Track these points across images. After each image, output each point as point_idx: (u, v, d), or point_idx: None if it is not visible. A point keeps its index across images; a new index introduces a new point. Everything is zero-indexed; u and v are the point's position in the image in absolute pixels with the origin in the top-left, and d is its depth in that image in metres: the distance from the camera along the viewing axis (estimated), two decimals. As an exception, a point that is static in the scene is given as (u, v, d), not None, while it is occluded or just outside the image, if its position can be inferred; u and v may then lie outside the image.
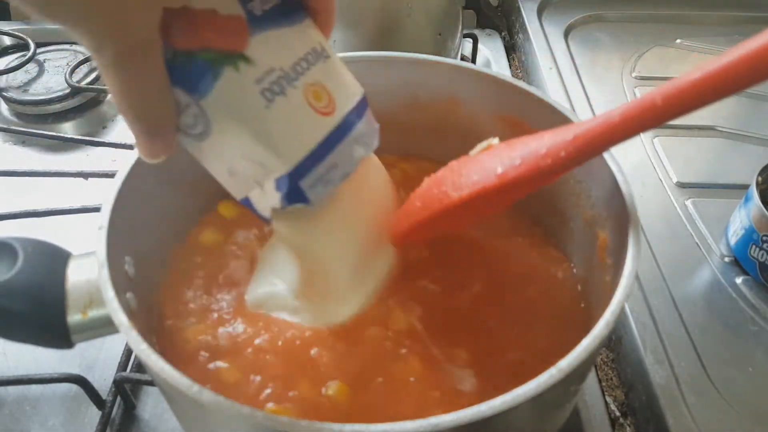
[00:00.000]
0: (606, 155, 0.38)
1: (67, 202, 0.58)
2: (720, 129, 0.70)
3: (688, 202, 0.61)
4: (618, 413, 0.49)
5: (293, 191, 0.32)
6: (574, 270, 0.43)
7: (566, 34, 0.84)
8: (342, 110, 0.33)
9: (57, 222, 0.57)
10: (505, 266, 0.43)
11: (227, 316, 0.40)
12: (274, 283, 0.40)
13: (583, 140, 0.31)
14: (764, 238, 0.52)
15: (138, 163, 0.38)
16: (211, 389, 0.28)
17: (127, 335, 0.30)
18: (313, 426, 0.26)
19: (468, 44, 0.81)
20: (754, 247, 0.53)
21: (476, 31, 0.85)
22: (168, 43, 0.28)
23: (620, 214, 0.36)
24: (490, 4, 0.91)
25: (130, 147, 0.64)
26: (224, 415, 0.27)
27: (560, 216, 0.45)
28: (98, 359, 0.50)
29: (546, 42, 0.82)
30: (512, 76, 0.78)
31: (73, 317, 0.34)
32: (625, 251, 0.34)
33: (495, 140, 0.37)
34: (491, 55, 0.84)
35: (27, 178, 0.63)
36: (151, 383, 0.47)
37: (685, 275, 0.55)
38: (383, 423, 0.27)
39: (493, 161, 0.35)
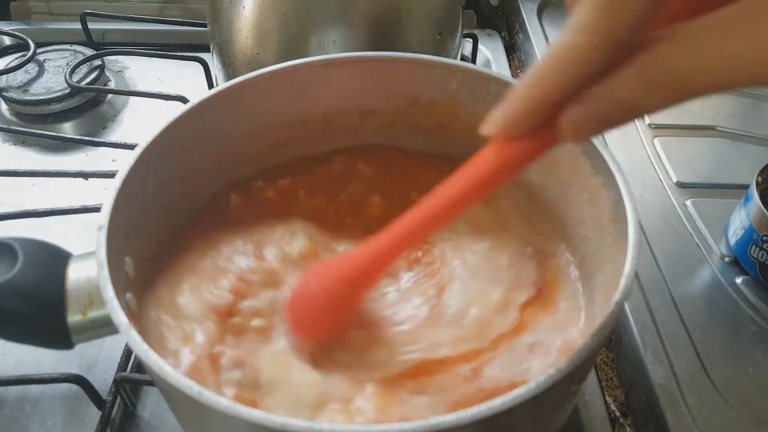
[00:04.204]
0: (606, 155, 0.38)
1: (67, 202, 0.58)
2: (720, 129, 0.70)
3: (688, 202, 0.61)
4: (618, 413, 0.49)
5: None
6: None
7: (566, 34, 0.84)
8: None
9: (57, 222, 0.57)
10: None
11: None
12: None
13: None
14: (764, 238, 0.52)
15: (138, 163, 0.38)
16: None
17: (127, 335, 0.30)
18: (313, 426, 0.26)
19: (468, 44, 0.81)
20: (754, 247, 0.53)
21: (476, 31, 0.85)
22: None
23: (620, 214, 0.36)
24: (490, 4, 0.91)
25: (130, 147, 0.64)
26: (224, 416, 0.27)
27: (560, 215, 0.45)
28: (98, 359, 0.50)
29: (546, 42, 0.82)
30: (512, 76, 0.78)
31: (73, 317, 0.34)
32: (625, 251, 0.34)
33: None
34: (491, 55, 0.84)
35: (27, 178, 0.63)
36: (151, 383, 0.47)
37: (685, 275, 0.55)
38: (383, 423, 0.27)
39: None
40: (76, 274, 0.34)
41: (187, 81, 0.78)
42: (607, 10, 0.23)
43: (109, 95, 0.75)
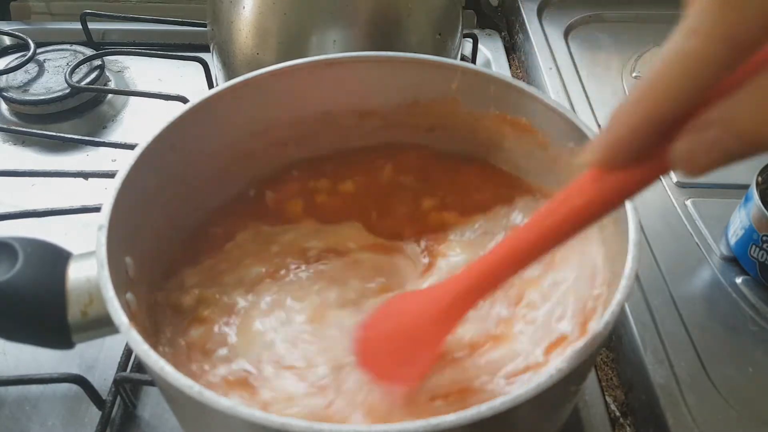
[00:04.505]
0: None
1: (67, 202, 0.58)
2: (720, 129, 0.70)
3: (688, 202, 0.61)
4: (618, 413, 0.49)
5: None
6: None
7: (566, 34, 0.84)
8: None
9: (57, 222, 0.57)
10: None
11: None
12: None
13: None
14: (764, 238, 0.52)
15: (138, 163, 0.38)
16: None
17: (127, 335, 0.30)
18: (313, 426, 0.26)
19: (468, 44, 0.81)
20: (754, 247, 0.53)
21: (476, 31, 0.85)
22: None
23: (620, 215, 0.36)
24: (490, 4, 0.91)
25: (130, 147, 0.64)
26: (224, 416, 0.27)
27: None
28: (98, 359, 0.50)
29: (546, 42, 0.82)
30: (512, 76, 0.78)
31: (74, 317, 0.34)
32: (625, 251, 0.34)
33: None
34: (491, 55, 0.84)
35: (27, 178, 0.63)
36: (151, 383, 0.47)
37: (685, 275, 0.55)
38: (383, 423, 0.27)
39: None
40: (77, 273, 0.34)
41: (187, 81, 0.78)
42: (724, 7, 0.19)
43: (109, 95, 0.75)
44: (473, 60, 0.81)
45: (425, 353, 0.33)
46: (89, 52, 0.77)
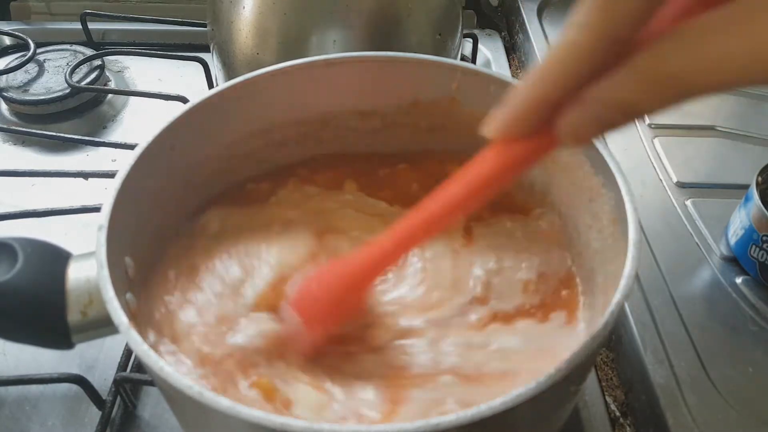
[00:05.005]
0: (606, 155, 0.38)
1: (67, 202, 0.58)
2: (720, 129, 0.70)
3: (688, 202, 0.61)
4: (618, 413, 0.49)
5: None
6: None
7: (566, 34, 0.84)
8: None
9: (57, 222, 0.57)
10: None
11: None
12: None
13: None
14: (764, 238, 0.52)
15: (138, 163, 0.38)
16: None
17: (127, 335, 0.30)
18: (312, 426, 0.26)
19: (468, 44, 0.81)
20: (754, 247, 0.53)
21: (476, 31, 0.85)
22: None
23: (620, 214, 0.36)
24: (490, 4, 0.91)
25: (130, 147, 0.64)
26: (224, 416, 0.27)
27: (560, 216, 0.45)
28: (98, 359, 0.50)
29: (546, 42, 0.82)
30: (512, 76, 0.78)
31: (73, 317, 0.34)
32: (625, 251, 0.34)
33: None
34: (491, 55, 0.84)
35: (27, 178, 0.63)
36: (151, 383, 0.47)
37: (685, 275, 0.55)
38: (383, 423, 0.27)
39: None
40: (76, 273, 0.34)
41: (187, 81, 0.78)
42: (606, 5, 0.23)
43: (109, 95, 0.75)
44: (473, 60, 0.81)
45: (340, 311, 0.38)
46: (89, 52, 0.77)
